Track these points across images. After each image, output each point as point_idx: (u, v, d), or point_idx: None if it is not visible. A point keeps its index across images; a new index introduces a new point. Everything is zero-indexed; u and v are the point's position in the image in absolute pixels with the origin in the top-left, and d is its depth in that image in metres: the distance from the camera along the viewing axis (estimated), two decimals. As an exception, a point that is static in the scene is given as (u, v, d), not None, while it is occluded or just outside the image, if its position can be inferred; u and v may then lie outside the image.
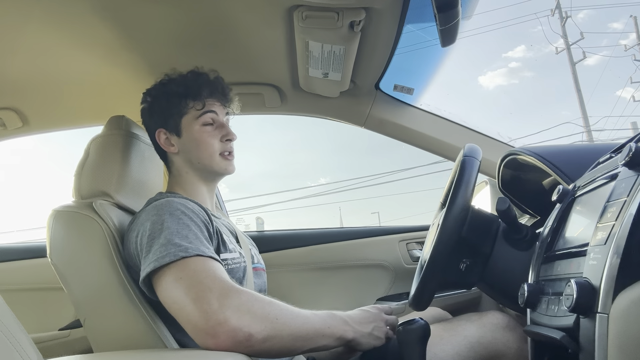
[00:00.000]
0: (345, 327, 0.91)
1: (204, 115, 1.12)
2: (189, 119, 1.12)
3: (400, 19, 1.11)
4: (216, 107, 1.15)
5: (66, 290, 0.99)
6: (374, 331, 0.95)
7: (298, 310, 0.86)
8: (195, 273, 0.82)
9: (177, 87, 1.13)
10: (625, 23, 30.30)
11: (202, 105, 1.12)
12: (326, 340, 0.87)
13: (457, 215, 0.94)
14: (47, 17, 1.10)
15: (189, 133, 1.12)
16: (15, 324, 0.51)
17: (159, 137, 1.14)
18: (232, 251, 1.03)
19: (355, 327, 0.93)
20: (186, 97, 1.12)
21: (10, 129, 1.57)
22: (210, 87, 1.15)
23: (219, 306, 0.77)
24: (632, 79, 15.17)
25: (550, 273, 0.79)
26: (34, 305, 1.65)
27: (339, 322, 0.91)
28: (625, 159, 0.63)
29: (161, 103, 1.14)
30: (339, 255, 1.68)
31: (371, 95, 1.53)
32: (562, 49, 14.44)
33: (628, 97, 14.74)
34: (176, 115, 1.12)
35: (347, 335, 0.90)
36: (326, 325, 0.88)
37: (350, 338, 0.91)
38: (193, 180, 1.14)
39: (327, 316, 0.90)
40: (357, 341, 0.92)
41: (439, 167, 14.17)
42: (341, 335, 0.89)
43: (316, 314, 0.89)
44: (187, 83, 1.13)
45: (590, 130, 12.87)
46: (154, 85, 1.17)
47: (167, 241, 0.86)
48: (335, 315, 0.92)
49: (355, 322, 0.94)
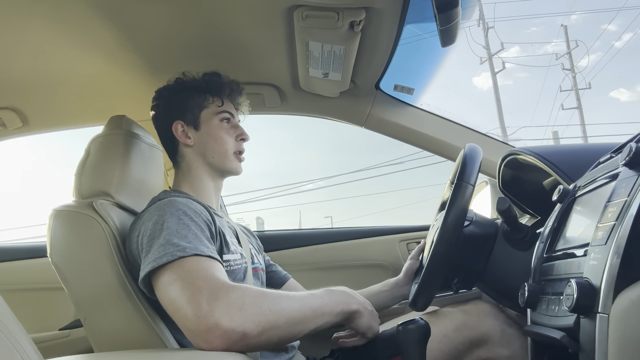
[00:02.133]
0: (348, 298, 0.91)
1: (223, 112, 1.17)
2: (209, 113, 1.17)
3: (400, 19, 1.11)
4: (232, 109, 1.21)
5: (66, 289, 0.99)
6: (373, 312, 0.96)
7: (292, 295, 0.85)
8: (188, 274, 0.82)
9: (198, 83, 1.19)
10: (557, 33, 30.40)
11: (221, 102, 1.18)
12: (327, 317, 0.86)
13: (458, 215, 0.94)
14: (47, 17, 1.10)
15: (208, 127, 1.16)
16: (15, 324, 0.51)
17: (175, 128, 1.15)
18: (234, 252, 1.03)
19: (358, 299, 0.93)
20: (207, 93, 1.18)
21: (10, 128, 1.57)
22: (229, 87, 1.21)
23: (209, 309, 0.76)
24: (561, 87, 15.33)
25: (550, 273, 0.79)
26: (34, 305, 1.65)
27: (339, 296, 0.90)
28: (625, 159, 0.63)
29: (180, 96, 1.18)
30: (339, 255, 1.69)
31: (371, 95, 1.53)
32: (486, 59, 14.63)
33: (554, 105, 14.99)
34: (196, 108, 1.17)
35: (350, 306, 0.90)
36: (325, 303, 0.87)
37: (355, 309, 0.90)
38: (202, 177, 1.15)
39: (325, 293, 0.89)
40: (360, 312, 0.91)
41: (398, 167, 14.24)
42: (342, 308, 0.89)
43: (313, 293, 0.88)
44: (208, 80, 1.19)
45: (508, 142, 13.00)
46: (170, 84, 1.21)
47: (166, 241, 0.86)
48: (335, 291, 0.91)
49: (357, 295, 0.94)
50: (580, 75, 16.24)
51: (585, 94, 15.82)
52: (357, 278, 1.67)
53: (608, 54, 36.03)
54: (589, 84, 15.09)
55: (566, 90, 15.09)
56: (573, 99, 14.65)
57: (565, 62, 15.12)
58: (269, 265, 1.33)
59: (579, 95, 14.68)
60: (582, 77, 16.87)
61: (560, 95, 15.31)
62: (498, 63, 20.44)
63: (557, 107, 14.72)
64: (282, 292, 0.86)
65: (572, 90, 14.90)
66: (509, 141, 1.59)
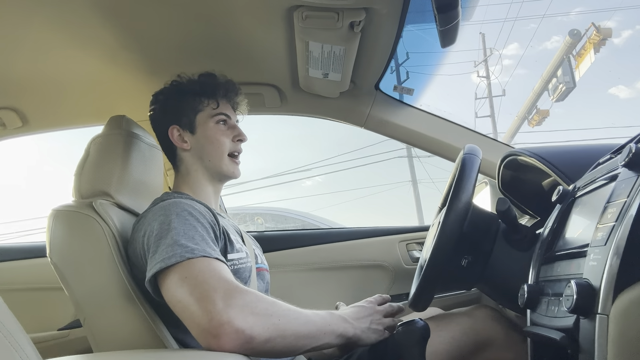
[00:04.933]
0: (345, 324, 0.92)
1: (219, 115, 1.16)
2: (204, 116, 1.16)
3: (400, 19, 1.11)
4: (229, 110, 1.19)
5: (66, 290, 0.99)
6: (372, 325, 0.97)
7: (300, 310, 0.87)
8: (200, 273, 0.82)
9: (192, 86, 1.18)
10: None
11: (216, 104, 1.17)
12: (328, 338, 0.88)
13: (458, 215, 0.94)
14: (47, 17, 1.10)
15: (203, 130, 1.15)
16: (15, 324, 0.51)
17: (172, 133, 1.15)
18: (239, 251, 1.03)
19: (354, 323, 0.94)
20: (201, 95, 1.16)
21: (10, 128, 1.57)
22: (225, 88, 1.19)
23: (224, 306, 0.77)
24: (476, 94, 15.27)
25: (550, 274, 0.79)
26: (33, 305, 1.65)
27: (338, 320, 0.92)
28: (625, 160, 0.63)
29: (175, 100, 1.17)
30: (338, 255, 1.69)
31: (371, 96, 1.53)
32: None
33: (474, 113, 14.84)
34: (191, 112, 1.16)
35: (347, 332, 0.92)
36: (327, 324, 0.89)
37: (351, 335, 0.92)
38: (201, 179, 1.15)
39: (327, 315, 0.92)
40: (357, 337, 0.93)
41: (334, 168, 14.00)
42: (342, 332, 0.91)
43: (317, 313, 0.90)
44: (202, 82, 1.18)
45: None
46: (166, 87, 1.20)
47: (173, 242, 0.86)
48: (334, 314, 0.93)
49: (352, 318, 0.95)
50: (497, 81, 16.33)
51: (583, 92, 15.88)
52: (356, 278, 1.67)
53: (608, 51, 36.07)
54: (503, 91, 15.42)
55: (480, 98, 15.11)
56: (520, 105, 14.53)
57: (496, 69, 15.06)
58: None
59: (493, 103, 14.90)
60: (499, 84, 17.01)
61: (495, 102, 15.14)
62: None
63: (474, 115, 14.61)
64: (291, 306, 0.87)
65: (487, 98, 14.95)
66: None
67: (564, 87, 13.85)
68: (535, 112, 15.28)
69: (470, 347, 1.08)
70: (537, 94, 15.06)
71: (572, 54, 13.82)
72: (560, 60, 14.00)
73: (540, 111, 15.25)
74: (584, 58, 13.54)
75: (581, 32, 13.52)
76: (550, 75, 14.40)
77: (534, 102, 15.20)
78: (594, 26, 13.18)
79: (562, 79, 13.87)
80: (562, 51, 13.96)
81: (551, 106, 15.02)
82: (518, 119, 15.27)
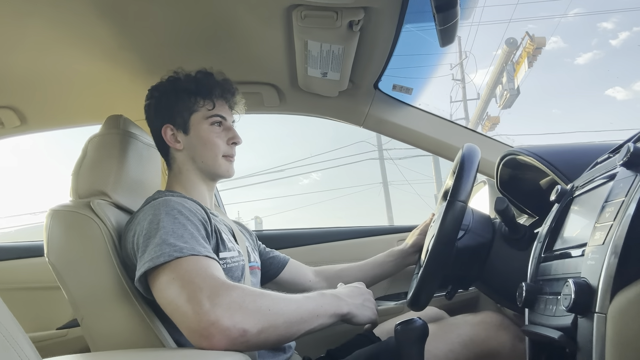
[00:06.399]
0: (339, 302, 0.93)
1: (214, 116, 1.13)
2: (199, 117, 1.13)
3: (399, 18, 1.11)
4: (225, 111, 1.16)
5: (63, 289, 0.99)
6: (365, 302, 0.98)
7: (290, 297, 0.87)
8: (187, 273, 0.82)
9: (188, 84, 1.13)
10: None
11: (212, 105, 1.13)
12: (321, 319, 0.88)
13: (456, 214, 0.95)
14: (45, 16, 1.10)
15: (197, 131, 1.12)
16: (13, 323, 0.51)
17: (165, 132, 1.13)
18: (231, 250, 1.03)
19: (347, 300, 0.95)
20: (197, 95, 1.13)
21: (8, 127, 1.56)
22: (221, 88, 1.15)
23: (211, 306, 0.77)
24: (452, 97, 15.42)
25: (548, 273, 0.79)
26: (31, 304, 1.64)
27: (330, 299, 0.92)
28: (623, 159, 0.64)
29: (170, 99, 1.14)
30: (337, 254, 1.68)
31: (370, 95, 1.53)
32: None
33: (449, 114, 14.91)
34: (185, 111, 1.13)
35: (341, 309, 0.92)
36: (319, 305, 0.89)
37: (346, 312, 0.93)
38: (193, 179, 1.14)
39: (318, 296, 0.92)
40: (352, 314, 0.94)
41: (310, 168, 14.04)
42: (335, 311, 0.91)
43: (308, 296, 0.90)
44: (199, 81, 1.14)
45: (381, 149, 13.33)
46: (162, 82, 1.16)
47: (162, 241, 0.86)
48: (325, 294, 0.93)
49: (345, 295, 0.96)
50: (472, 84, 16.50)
51: (581, 93, 16.03)
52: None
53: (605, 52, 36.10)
54: (478, 94, 15.44)
55: (456, 101, 15.22)
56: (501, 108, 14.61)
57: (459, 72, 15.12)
58: (265, 253, 1.34)
59: (467, 107, 15.05)
60: (475, 88, 17.14)
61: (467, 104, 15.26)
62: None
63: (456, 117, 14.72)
64: (280, 293, 0.87)
65: (461, 102, 15.07)
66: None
67: (508, 94, 14.13)
68: (486, 118, 15.54)
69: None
70: (485, 101, 15.34)
71: (512, 61, 14.04)
72: (502, 68, 14.27)
73: (490, 117, 15.54)
74: (520, 66, 13.85)
75: (517, 41, 13.80)
76: (495, 83, 14.69)
77: (483, 109, 15.51)
78: (528, 35, 13.42)
79: (506, 85, 14.18)
80: (502, 59, 14.28)
81: (499, 113, 15.27)
82: (472, 125, 15.49)
